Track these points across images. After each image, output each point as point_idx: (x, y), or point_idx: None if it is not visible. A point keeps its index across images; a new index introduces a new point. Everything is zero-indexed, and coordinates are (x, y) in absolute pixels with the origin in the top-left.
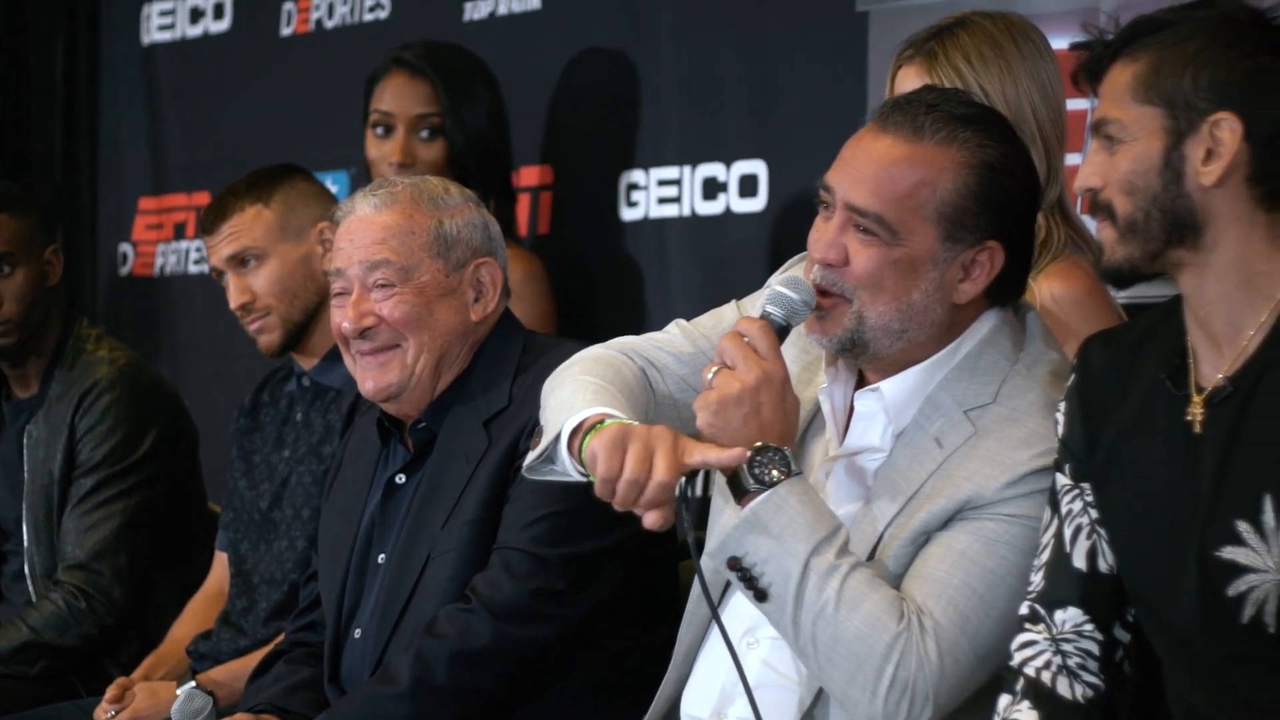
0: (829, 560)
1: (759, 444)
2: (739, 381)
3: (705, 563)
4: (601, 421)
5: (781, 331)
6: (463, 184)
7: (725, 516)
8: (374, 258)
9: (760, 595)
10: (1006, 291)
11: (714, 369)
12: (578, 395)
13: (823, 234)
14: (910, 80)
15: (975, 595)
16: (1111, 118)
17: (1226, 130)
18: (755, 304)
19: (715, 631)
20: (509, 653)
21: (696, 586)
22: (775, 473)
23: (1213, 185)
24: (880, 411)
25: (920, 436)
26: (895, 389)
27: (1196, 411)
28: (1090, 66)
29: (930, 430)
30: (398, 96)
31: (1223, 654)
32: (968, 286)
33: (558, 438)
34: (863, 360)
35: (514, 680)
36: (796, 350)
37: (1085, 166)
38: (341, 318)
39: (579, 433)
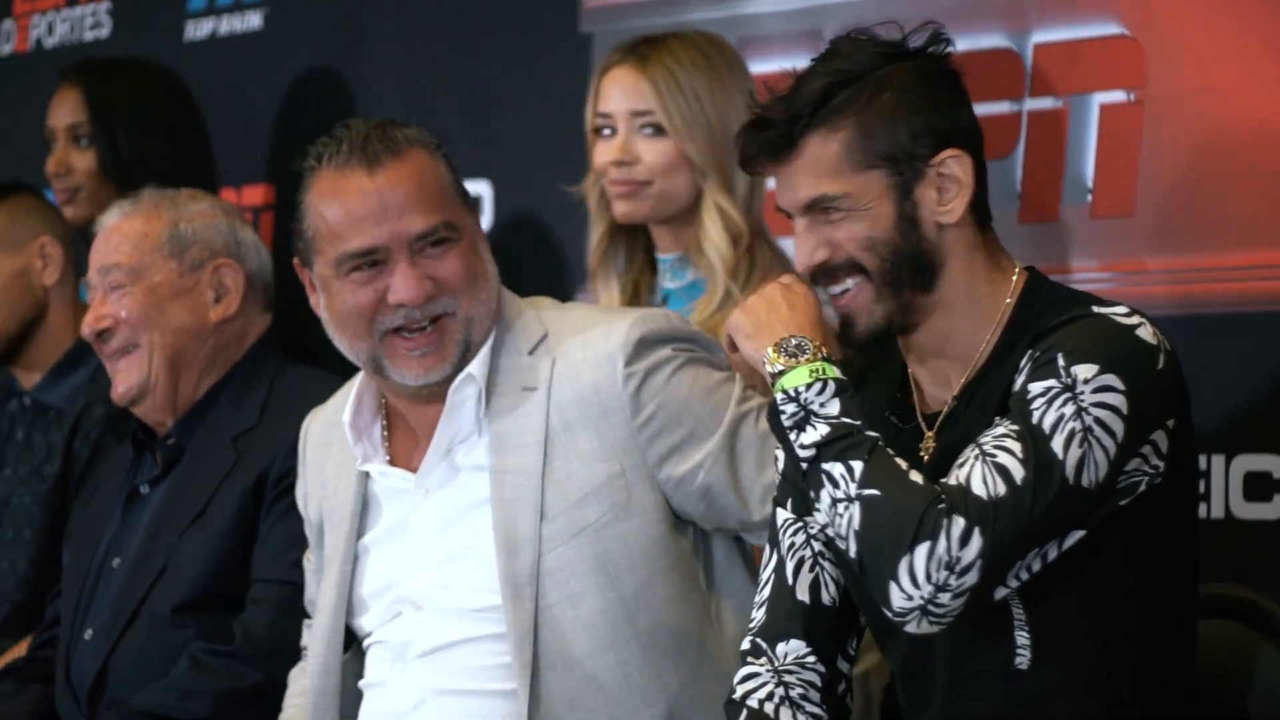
0: None
1: None
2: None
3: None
4: None
5: None
6: None
7: None
8: (107, 261)
9: None
10: None
11: None
12: None
13: (399, 283)
14: (620, 83)
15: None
16: (834, 193)
17: (957, 167)
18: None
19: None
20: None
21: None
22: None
23: (955, 221)
24: (473, 392)
25: (503, 399)
26: (478, 365)
27: (929, 444)
28: (780, 141)
29: (508, 389)
30: None
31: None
32: (482, 247)
33: None
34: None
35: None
36: (339, 450)
37: (803, 246)
38: (83, 323)
39: None
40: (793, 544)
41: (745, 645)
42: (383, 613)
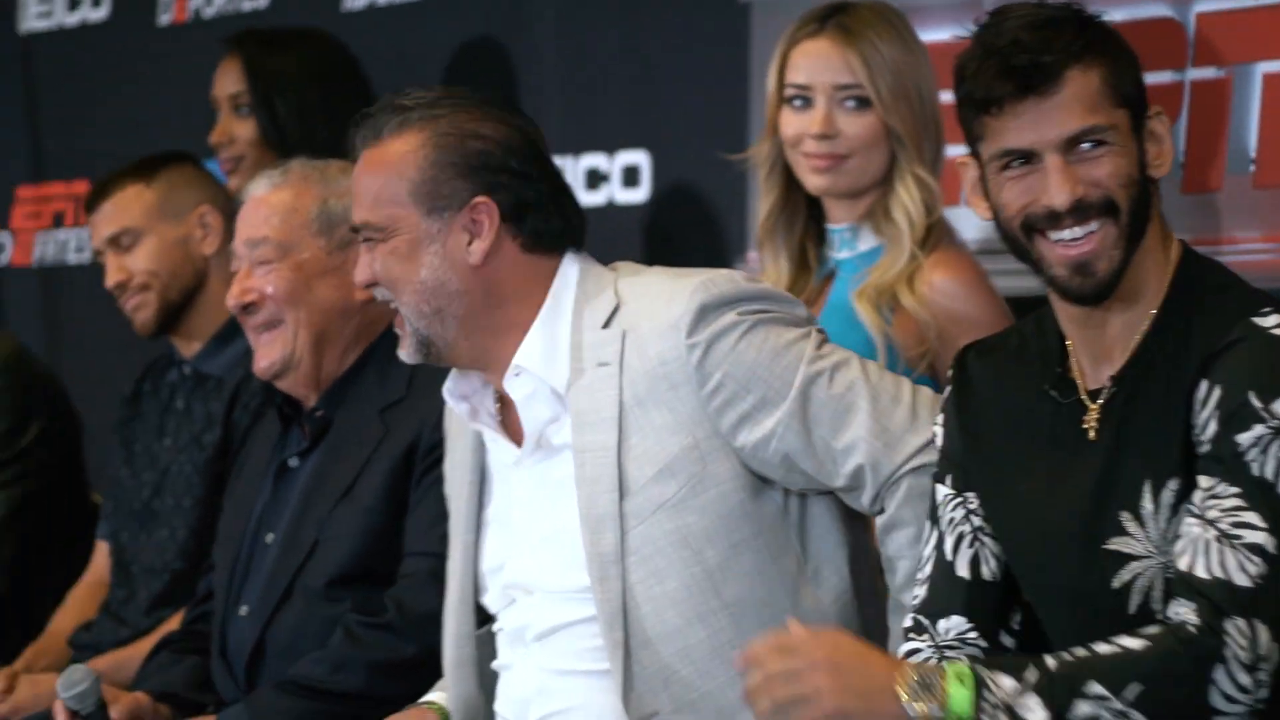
0: None
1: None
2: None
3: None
4: None
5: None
6: None
7: None
8: (256, 235)
9: None
10: (554, 237)
11: None
12: None
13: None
14: (820, 55)
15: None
16: (1104, 124)
17: (1161, 125)
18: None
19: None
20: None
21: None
22: None
23: (1161, 176)
24: (534, 381)
25: (583, 376)
26: (529, 351)
27: (1092, 419)
28: (1043, 73)
29: (587, 365)
30: None
31: None
32: (478, 245)
33: None
34: (459, 359)
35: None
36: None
37: (1062, 183)
38: (229, 295)
39: None
40: (952, 519)
41: (907, 622)
42: (499, 596)
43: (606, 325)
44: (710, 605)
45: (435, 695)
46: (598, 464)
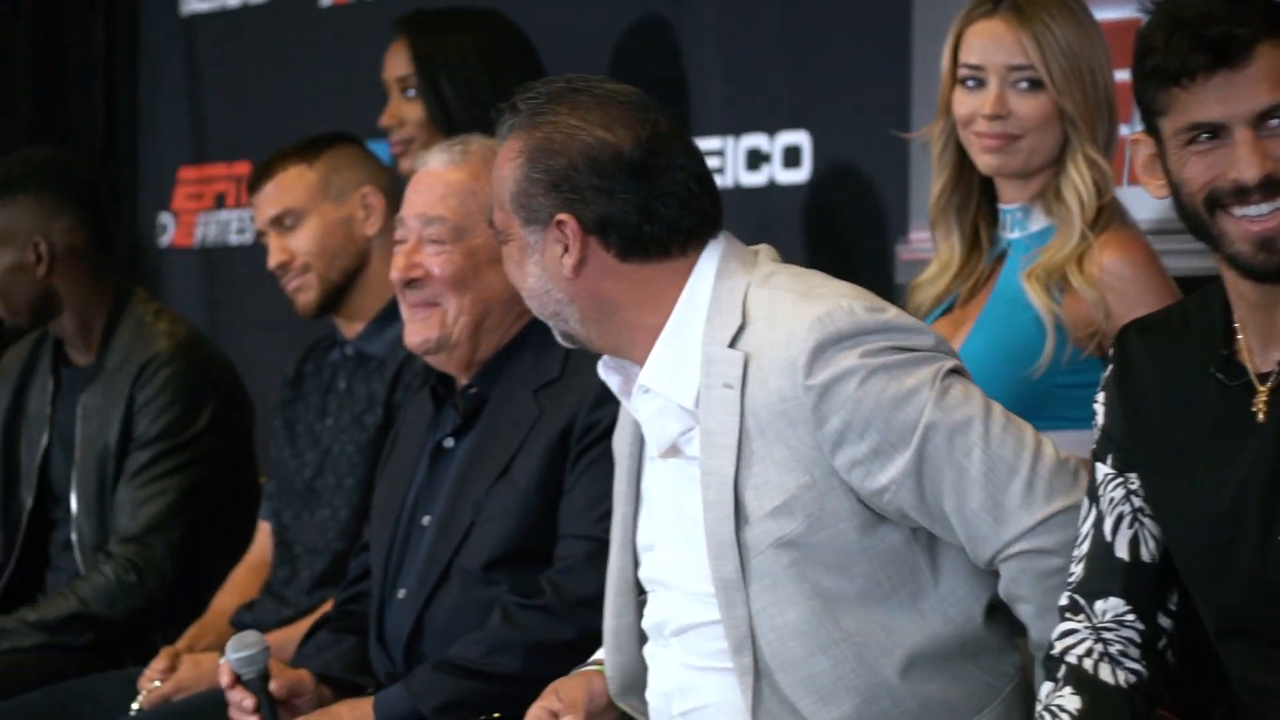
0: None
1: None
2: None
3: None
4: None
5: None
6: None
7: None
8: (431, 212)
9: None
10: (656, 243)
11: None
12: None
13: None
14: (993, 36)
15: (993, 460)
16: None
17: None
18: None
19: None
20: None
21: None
22: None
23: None
24: (661, 399)
25: (712, 392)
26: (654, 369)
27: (1261, 403)
28: (1236, 46)
29: (715, 382)
30: None
31: None
32: (567, 259)
33: None
34: (601, 349)
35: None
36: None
37: (1252, 156)
38: (394, 266)
39: None
40: (1112, 499)
41: (1064, 601)
42: (645, 583)
43: (732, 345)
44: (832, 636)
45: (602, 655)
46: (718, 490)
